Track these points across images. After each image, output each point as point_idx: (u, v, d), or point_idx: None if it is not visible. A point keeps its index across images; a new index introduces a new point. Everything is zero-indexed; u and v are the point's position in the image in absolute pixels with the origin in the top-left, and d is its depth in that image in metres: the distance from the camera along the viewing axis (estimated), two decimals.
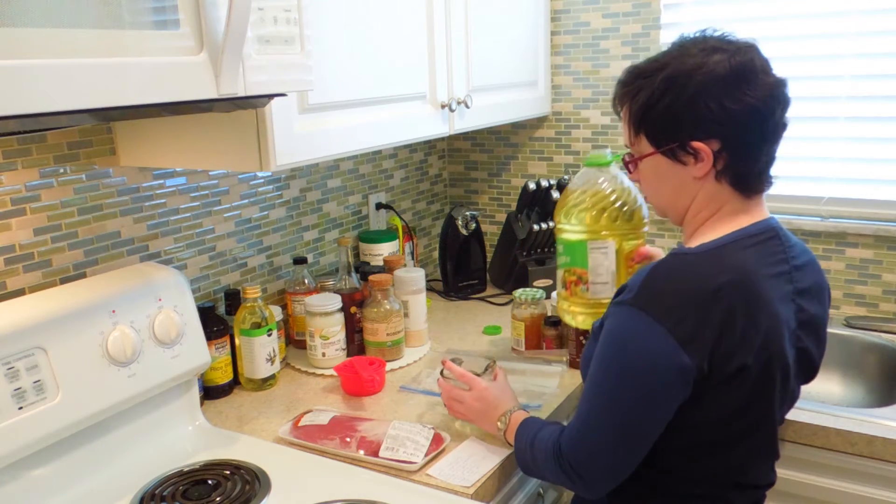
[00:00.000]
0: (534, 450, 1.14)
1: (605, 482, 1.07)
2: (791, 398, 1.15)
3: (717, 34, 1.07)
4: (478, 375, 1.34)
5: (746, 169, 1.05)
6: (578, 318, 1.43)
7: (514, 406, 1.26)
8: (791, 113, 1.07)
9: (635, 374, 0.99)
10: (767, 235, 1.06)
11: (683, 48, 1.06)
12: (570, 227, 1.38)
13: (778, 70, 1.07)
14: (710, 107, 1.01)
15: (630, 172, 1.15)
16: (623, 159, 1.15)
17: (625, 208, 1.34)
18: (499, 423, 1.24)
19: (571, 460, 1.06)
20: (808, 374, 1.16)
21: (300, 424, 1.34)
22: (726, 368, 0.99)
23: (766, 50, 1.84)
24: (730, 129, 1.02)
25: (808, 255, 1.14)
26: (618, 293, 1.05)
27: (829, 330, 1.81)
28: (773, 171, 1.10)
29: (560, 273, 1.43)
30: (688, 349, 0.96)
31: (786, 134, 1.09)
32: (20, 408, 1.07)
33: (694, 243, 1.07)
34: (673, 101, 1.03)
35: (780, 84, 1.04)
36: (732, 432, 1.05)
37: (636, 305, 0.99)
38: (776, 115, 1.04)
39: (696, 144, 1.03)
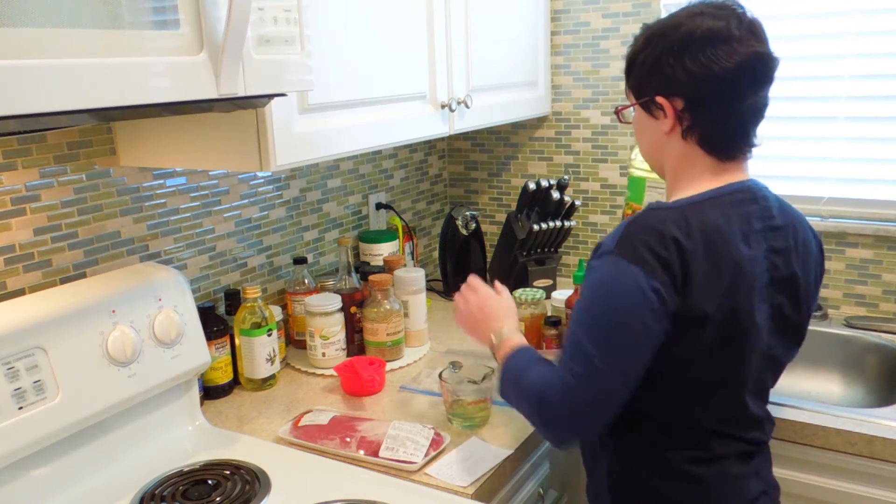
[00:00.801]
0: (517, 389, 1.13)
1: (589, 429, 1.11)
2: (773, 360, 1.15)
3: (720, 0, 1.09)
4: (476, 383, 1.35)
5: (711, 131, 1.09)
6: None
7: (512, 326, 1.26)
8: (791, 113, 1.08)
9: (617, 310, 1.02)
10: (742, 196, 1.09)
11: (679, 11, 1.11)
12: (637, 164, 1.44)
13: (774, 47, 1.08)
14: (673, 66, 1.06)
15: (620, 121, 1.22)
16: (616, 107, 1.24)
17: None
18: (493, 337, 1.24)
19: (557, 406, 1.06)
20: (791, 335, 1.16)
21: (300, 424, 1.34)
22: (691, 313, 1.02)
23: None
24: (691, 90, 1.06)
25: (792, 216, 1.15)
26: (595, 250, 1.09)
27: (829, 330, 1.83)
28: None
29: (623, 206, 1.53)
30: (664, 286, 1.01)
31: (786, 133, 1.09)
32: (20, 408, 1.07)
33: (672, 200, 1.12)
34: (646, 58, 1.10)
35: (758, 56, 1.05)
36: (700, 381, 1.08)
37: (614, 253, 1.03)
38: (741, 83, 1.05)
39: (660, 100, 1.09)
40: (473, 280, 1.38)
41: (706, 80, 1.05)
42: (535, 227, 2.02)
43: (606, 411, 1.06)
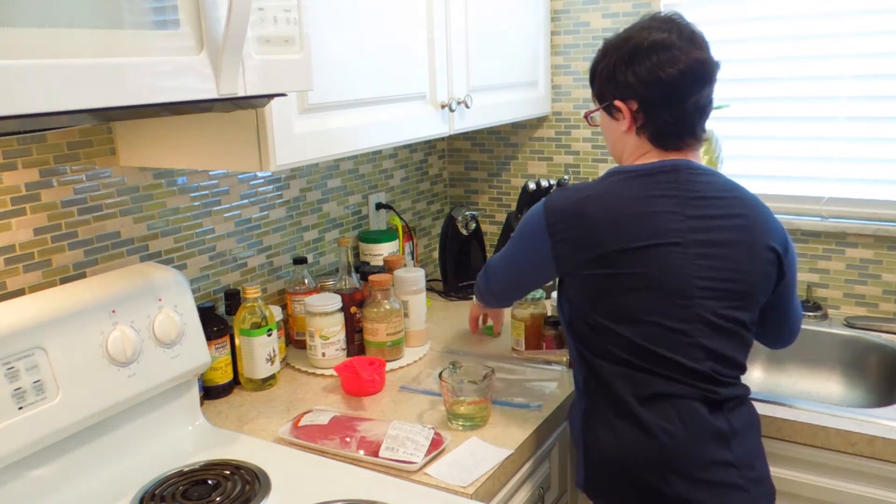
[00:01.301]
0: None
1: (486, 299, 1.52)
2: (711, 323, 1.20)
3: (667, 14, 1.27)
4: (476, 383, 1.35)
5: (659, 126, 1.25)
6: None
7: None
8: (791, 113, 1.10)
9: (521, 234, 1.33)
10: (662, 169, 1.24)
11: (632, 25, 1.28)
12: None
13: (714, 52, 1.25)
14: (626, 73, 1.24)
15: (589, 124, 1.41)
16: (584, 113, 1.41)
17: None
18: None
19: (483, 274, 1.49)
20: (736, 300, 1.22)
21: (300, 424, 1.34)
22: (584, 255, 1.21)
23: (765, 50, 1.84)
24: (642, 93, 1.24)
25: (728, 192, 1.25)
26: None
27: (829, 330, 1.83)
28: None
29: None
30: (549, 230, 1.24)
31: (786, 133, 1.11)
32: (20, 408, 1.07)
33: None
34: (603, 68, 1.29)
35: (697, 61, 1.22)
36: (606, 320, 1.22)
37: (545, 198, 1.29)
38: (684, 85, 1.22)
39: (618, 103, 1.27)
40: None
41: (653, 84, 1.22)
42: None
43: (502, 298, 1.50)
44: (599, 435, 1.24)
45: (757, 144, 1.95)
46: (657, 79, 1.21)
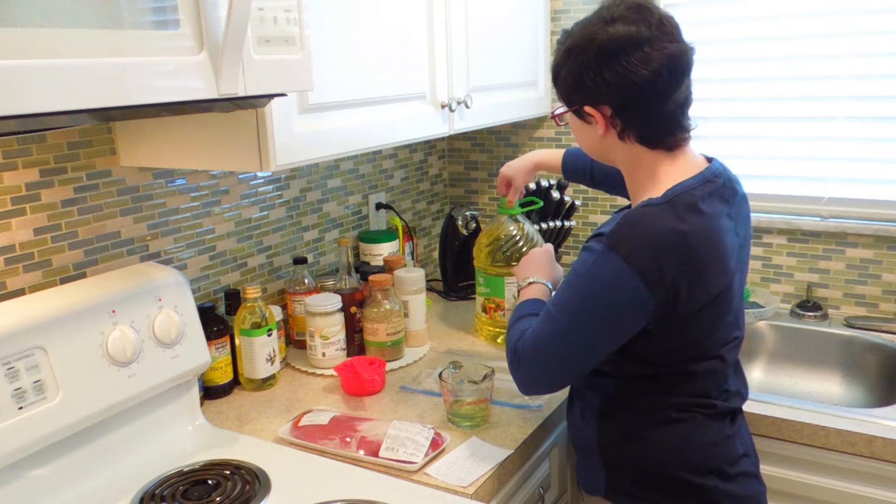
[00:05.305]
0: (512, 328, 1.25)
1: (541, 387, 1.21)
2: (738, 324, 1.22)
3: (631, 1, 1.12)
4: (476, 383, 1.35)
5: (645, 130, 1.13)
6: (498, 339, 1.76)
7: (538, 278, 1.35)
8: (791, 113, 1.09)
9: (599, 301, 1.09)
10: (720, 181, 1.15)
11: (593, 16, 1.14)
12: (491, 267, 1.74)
13: (686, 37, 1.12)
14: (594, 79, 1.11)
15: (558, 124, 1.28)
16: (552, 113, 1.29)
17: (525, 249, 1.66)
18: (521, 282, 1.37)
19: (522, 358, 1.18)
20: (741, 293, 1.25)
21: (300, 424, 1.34)
22: (691, 306, 1.08)
23: (766, 49, 1.83)
24: (615, 98, 1.11)
25: (738, 185, 1.23)
26: (591, 237, 1.14)
27: (829, 330, 1.84)
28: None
29: (481, 300, 1.79)
30: (650, 287, 1.05)
31: (786, 133, 1.10)
32: (20, 408, 1.07)
33: (653, 194, 1.14)
34: (567, 73, 1.15)
35: (671, 57, 1.08)
36: (688, 358, 1.15)
37: (607, 246, 1.08)
38: (660, 85, 1.09)
39: (588, 109, 1.14)
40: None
41: (626, 87, 1.09)
42: (536, 227, 2.02)
43: (560, 378, 1.19)
44: (628, 440, 1.20)
45: (757, 144, 1.95)
46: (629, 82, 1.08)
